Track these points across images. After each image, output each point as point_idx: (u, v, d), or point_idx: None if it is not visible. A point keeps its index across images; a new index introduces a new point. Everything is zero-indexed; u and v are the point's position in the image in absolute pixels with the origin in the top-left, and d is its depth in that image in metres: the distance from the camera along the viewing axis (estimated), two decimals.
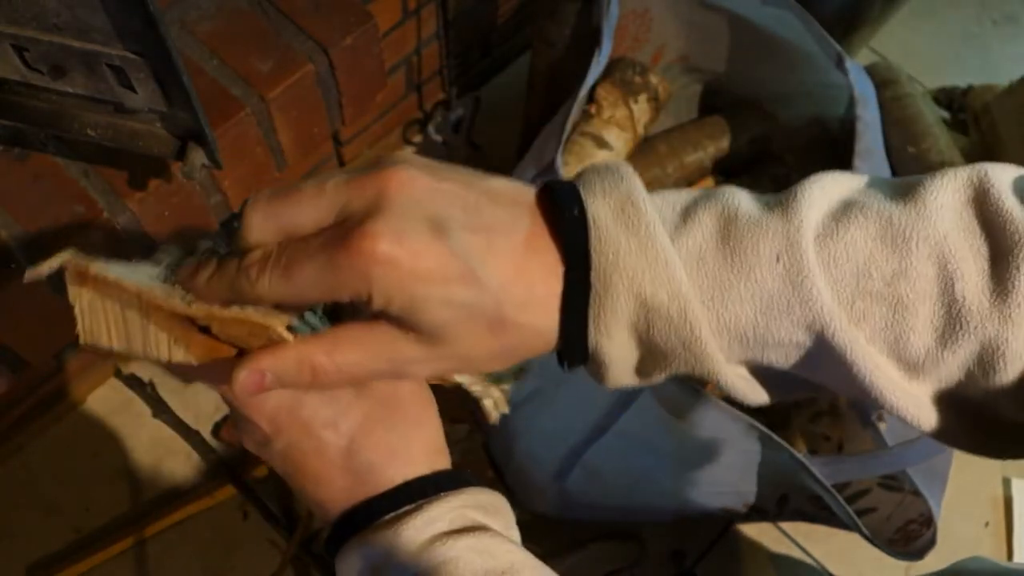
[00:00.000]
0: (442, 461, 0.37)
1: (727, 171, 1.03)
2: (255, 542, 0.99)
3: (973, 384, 0.31)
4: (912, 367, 0.32)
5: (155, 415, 1.03)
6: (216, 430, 1.03)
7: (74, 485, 1.00)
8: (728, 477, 0.79)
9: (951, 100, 1.29)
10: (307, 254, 0.30)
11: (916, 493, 0.76)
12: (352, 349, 0.32)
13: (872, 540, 0.79)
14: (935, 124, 1.17)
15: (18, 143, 0.67)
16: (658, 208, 0.32)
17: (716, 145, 1.02)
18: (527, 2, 1.17)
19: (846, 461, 0.73)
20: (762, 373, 0.34)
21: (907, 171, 1.15)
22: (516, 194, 0.33)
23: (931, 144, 1.15)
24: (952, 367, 0.31)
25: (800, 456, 0.70)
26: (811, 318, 0.30)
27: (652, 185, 0.97)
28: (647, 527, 1.00)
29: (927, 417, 0.33)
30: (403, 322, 0.31)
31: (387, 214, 0.29)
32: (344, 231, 0.29)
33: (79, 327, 0.33)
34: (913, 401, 0.32)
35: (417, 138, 1.20)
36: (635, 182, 0.32)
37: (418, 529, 0.33)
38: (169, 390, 1.04)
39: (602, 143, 0.94)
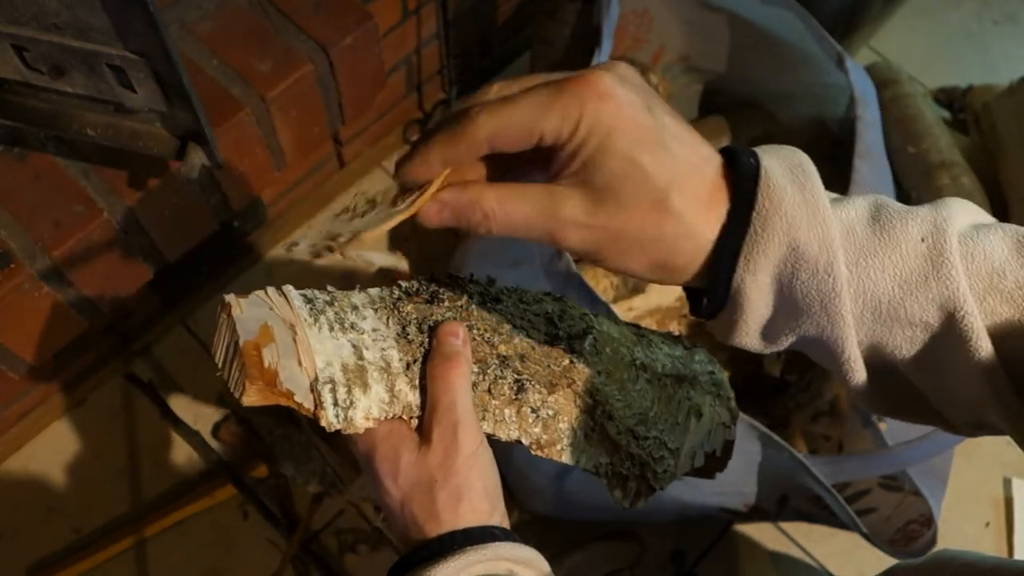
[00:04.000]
0: (481, 519, 0.40)
1: None
2: (255, 542, 0.99)
3: None
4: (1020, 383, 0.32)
5: (155, 415, 1.03)
6: (216, 430, 1.03)
7: (74, 485, 1.00)
8: (728, 477, 0.79)
9: (951, 100, 1.29)
10: (532, 91, 0.33)
11: (916, 493, 0.76)
12: (522, 202, 0.34)
13: (872, 540, 0.79)
14: (935, 124, 1.17)
15: (18, 143, 0.67)
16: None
17: (716, 145, 1.01)
18: (527, 2, 1.17)
19: (846, 461, 0.73)
20: (879, 365, 0.35)
21: (907, 171, 1.15)
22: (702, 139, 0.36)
23: (931, 144, 1.15)
24: None
25: (800, 456, 0.70)
26: (945, 296, 0.32)
27: None
28: (647, 527, 1.00)
29: None
30: (582, 171, 0.33)
31: (611, 72, 0.33)
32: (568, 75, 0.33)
33: None
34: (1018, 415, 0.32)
35: (417, 138, 1.20)
36: (807, 158, 0.35)
37: None
38: (169, 390, 1.04)
39: None
